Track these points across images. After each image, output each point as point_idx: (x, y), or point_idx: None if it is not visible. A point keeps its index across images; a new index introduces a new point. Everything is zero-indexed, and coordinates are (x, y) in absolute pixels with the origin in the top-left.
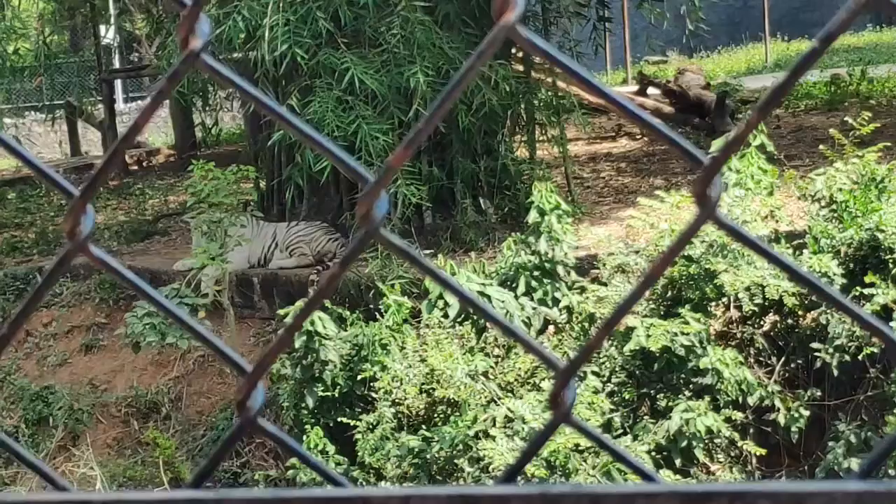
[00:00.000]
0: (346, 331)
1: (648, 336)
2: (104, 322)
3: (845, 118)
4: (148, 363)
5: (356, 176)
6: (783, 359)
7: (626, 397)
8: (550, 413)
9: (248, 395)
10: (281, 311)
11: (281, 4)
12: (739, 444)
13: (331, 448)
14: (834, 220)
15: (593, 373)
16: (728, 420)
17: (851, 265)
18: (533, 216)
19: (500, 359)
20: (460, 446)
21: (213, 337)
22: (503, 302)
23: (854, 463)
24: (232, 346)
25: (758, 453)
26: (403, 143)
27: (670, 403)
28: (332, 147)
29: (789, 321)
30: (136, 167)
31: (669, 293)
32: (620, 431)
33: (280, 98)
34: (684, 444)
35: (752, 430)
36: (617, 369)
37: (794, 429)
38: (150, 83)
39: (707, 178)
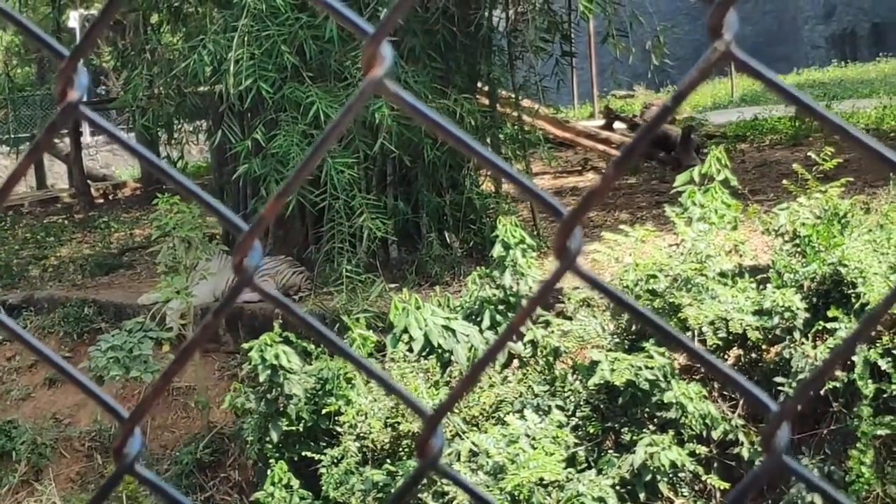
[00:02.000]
0: (310, 365)
1: (613, 370)
2: (68, 356)
3: (809, 153)
4: (112, 397)
5: (230, 227)
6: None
7: (591, 431)
8: (417, 460)
9: (125, 442)
10: (245, 345)
11: (246, 38)
12: (703, 477)
13: (295, 482)
14: (797, 255)
15: (558, 407)
16: (692, 454)
17: (815, 299)
18: (498, 250)
19: (466, 392)
20: (425, 481)
21: (92, 385)
22: (468, 336)
23: (817, 498)
24: (196, 379)
25: (722, 487)
26: (274, 195)
27: (634, 437)
28: (208, 198)
29: (753, 355)
30: (101, 200)
31: (634, 327)
32: (585, 465)
33: (245, 132)
34: (648, 477)
35: (716, 464)
36: (581, 403)
37: (757, 463)
38: (118, 116)
39: (566, 230)
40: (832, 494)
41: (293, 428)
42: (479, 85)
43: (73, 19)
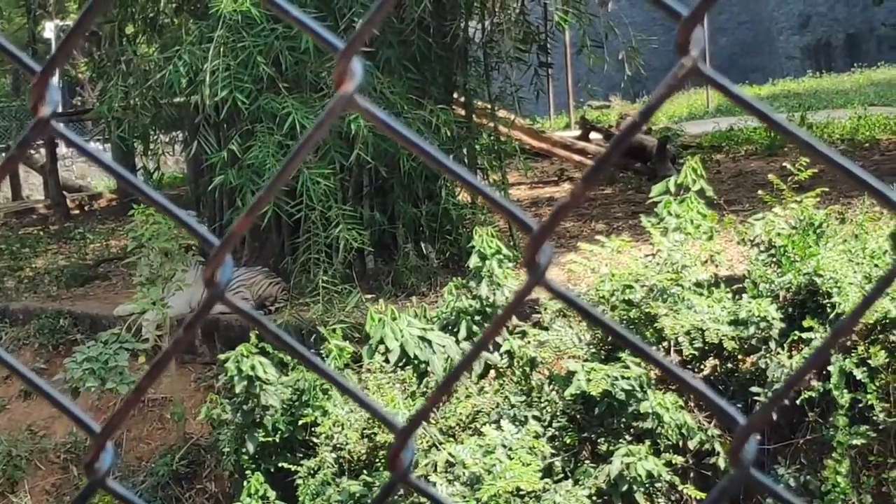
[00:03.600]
0: (287, 376)
1: (589, 380)
2: (43, 367)
3: (784, 163)
4: (87, 409)
5: (202, 241)
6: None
7: (568, 442)
8: (389, 473)
9: (97, 456)
10: (222, 356)
11: (222, 49)
12: (680, 488)
13: (271, 494)
14: (773, 265)
15: (534, 417)
16: (668, 464)
17: (790, 309)
18: (474, 261)
19: (441, 403)
20: (401, 491)
21: (62, 398)
22: (444, 347)
23: None
24: (172, 390)
25: (698, 497)
26: (245, 211)
27: (611, 447)
28: (179, 212)
29: (729, 365)
30: (77, 211)
31: (610, 338)
32: (561, 476)
33: (221, 143)
34: (625, 488)
35: (692, 474)
36: (558, 414)
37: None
38: (93, 127)
39: (535, 245)
40: None
41: (269, 439)
42: (455, 95)
43: (49, 30)
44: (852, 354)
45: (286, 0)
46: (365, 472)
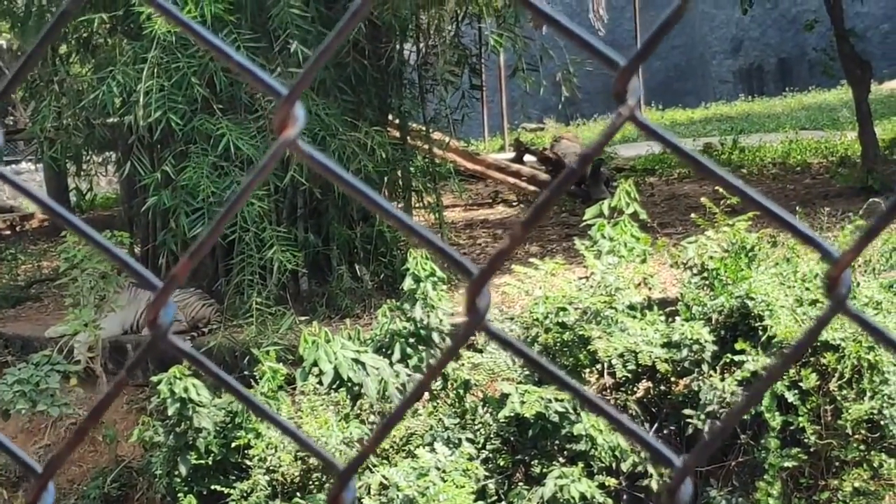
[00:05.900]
0: (220, 398)
1: (523, 402)
2: None
3: (717, 187)
4: (18, 431)
5: (144, 284)
6: (656, 425)
7: (501, 464)
8: None
9: (38, 496)
10: (154, 378)
11: (156, 70)
12: None
13: None
14: (705, 288)
15: (468, 439)
16: (602, 486)
17: (722, 332)
18: (408, 283)
19: (375, 426)
20: None
21: (2, 438)
22: (378, 369)
23: None
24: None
25: None
26: (187, 254)
27: (545, 470)
28: (121, 254)
29: (662, 387)
30: (8, 232)
31: (543, 360)
32: (495, 498)
33: (155, 164)
34: None
35: (625, 496)
36: (492, 436)
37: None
38: (25, 147)
39: (475, 289)
40: None
41: (202, 461)
42: (390, 117)
43: None
44: (784, 377)
45: (224, 43)
46: (298, 494)
